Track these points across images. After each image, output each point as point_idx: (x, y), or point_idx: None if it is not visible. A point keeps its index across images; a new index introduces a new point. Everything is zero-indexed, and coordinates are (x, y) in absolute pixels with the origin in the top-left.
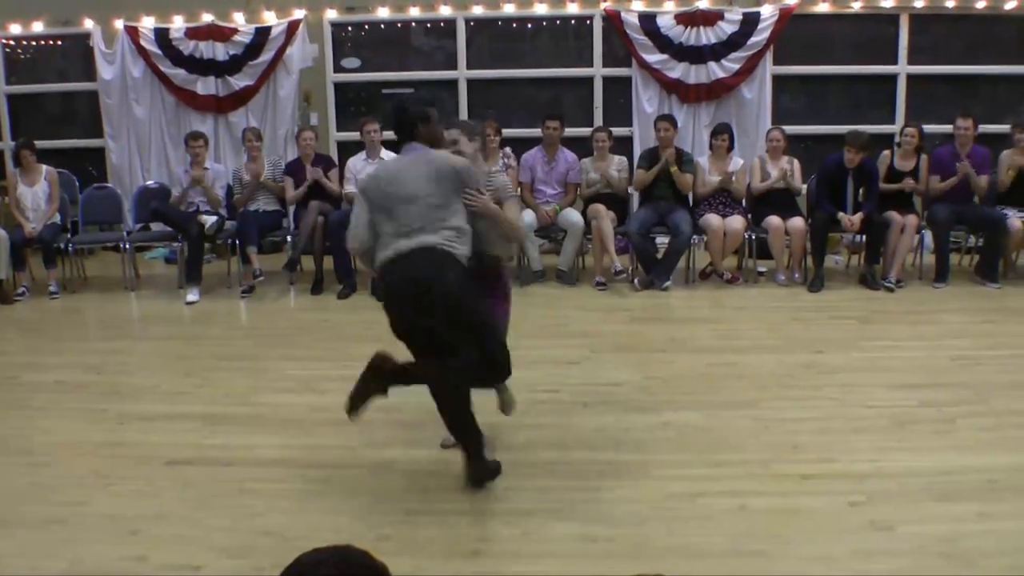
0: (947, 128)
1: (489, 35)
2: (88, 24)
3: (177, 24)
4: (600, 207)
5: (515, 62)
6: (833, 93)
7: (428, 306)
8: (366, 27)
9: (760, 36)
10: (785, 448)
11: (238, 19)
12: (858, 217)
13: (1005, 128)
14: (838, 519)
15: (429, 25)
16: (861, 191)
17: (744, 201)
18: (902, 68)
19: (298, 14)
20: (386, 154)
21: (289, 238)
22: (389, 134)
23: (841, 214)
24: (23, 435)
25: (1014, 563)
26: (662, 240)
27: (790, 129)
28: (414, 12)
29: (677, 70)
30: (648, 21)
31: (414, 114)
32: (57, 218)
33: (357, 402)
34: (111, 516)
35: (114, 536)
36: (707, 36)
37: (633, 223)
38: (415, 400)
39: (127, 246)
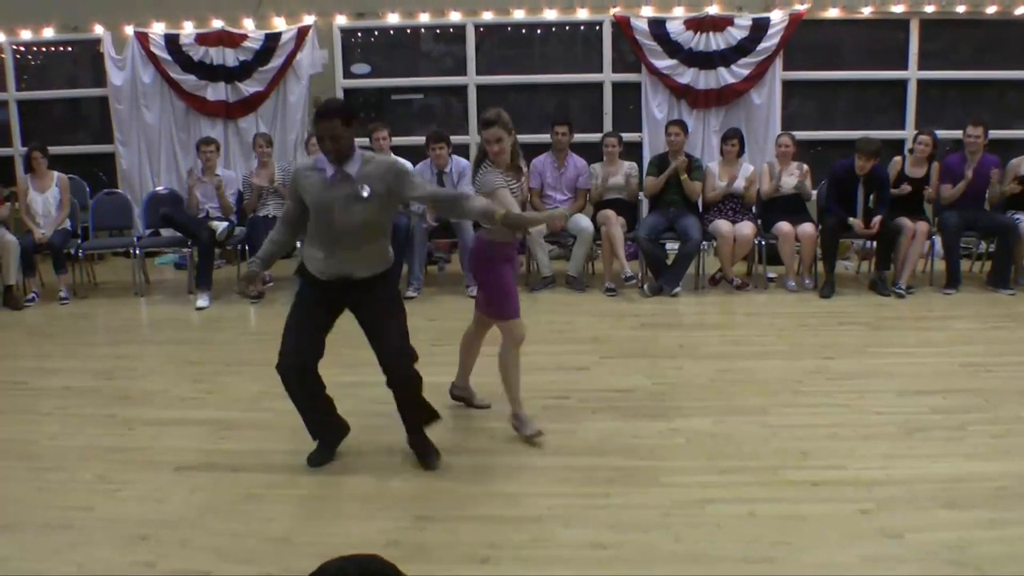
0: (957, 133)
1: (498, 41)
2: (98, 30)
3: (187, 30)
4: (610, 213)
5: (524, 68)
6: (843, 98)
7: None
8: (376, 33)
9: (770, 42)
10: (794, 455)
11: (248, 25)
12: (876, 221)
13: (1015, 134)
14: (847, 526)
15: (438, 31)
16: (871, 197)
17: (754, 207)
18: (912, 73)
19: (308, 20)
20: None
21: (298, 244)
22: (398, 140)
23: (852, 219)
24: (31, 440)
25: None
26: (672, 246)
27: (800, 134)
28: (423, 18)
29: (686, 75)
30: (657, 26)
31: None
32: (67, 224)
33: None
34: (119, 521)
35: (122, 541)
36: (716, 42)
37: (643, 229)
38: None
39: (137, 251)
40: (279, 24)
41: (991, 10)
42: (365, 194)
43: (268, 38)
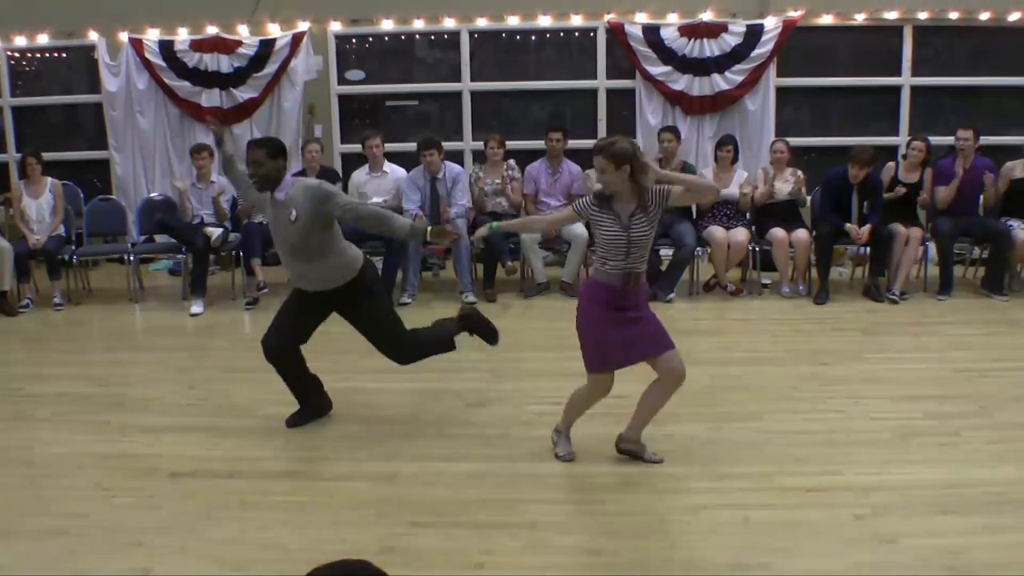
0: (951, 140)
1: (493, 47)
2: (93, 36)
3: (182, 36)
4: None
5: (519, 74)
6: (837, 105)
7: None
8: (370, 39)
9: (763, 48)
10: (789, 460)
11: (242, 31)
12: (866, 229)
13: (1008, 139)
14: (842, 532)
15: (433, 37)
16: (865, 204)
17: (748, 213)
18: (906, 80)
19: (302, 26)
20: (389, 167)
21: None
22: (391, 147)
23: (849, 225)
24: (26, 446)
25: None
26: (666, 252)
27: (794, 141)
28: (418, 24)
29: (681, 82)
30: (652, 33)
31: None
32: (62, 230)
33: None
34: (114, 528)
35: (117, 548)
36: (711, 48)
37: None
38: (422, 413)
39: (131, 258)
40: (274, 30)
41: (984, 16)
42: (292, 217)
43: (263, 44)
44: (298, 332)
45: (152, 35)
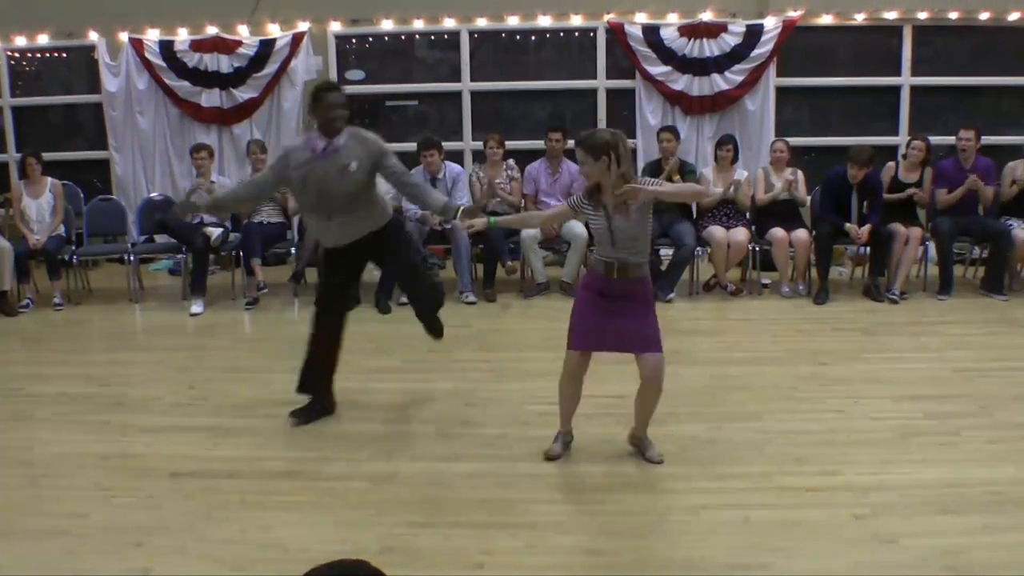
0: (951, 139)
1: (493, 47)
2: (93, 36)
3: (182, 36)
4: None
5: (519, 74)
6: (836, 105)
7: None
8: (370, 39)
9: (763, 48)
10: (788, 460)
11: (242, 31)
12: (866, 229)
13: (1008, 139)
14: (842, 532)
15: (433, 37)
16: (865, 204)
17: (748, 213)
18: (905, 80)
19: (302, 26)
20: None
21: (293, 250)
22: (392, 147)
23: (849, 225)
24: (25, 446)
25: None
26: (666, 252)
27: (793, 141)
28: (418, 24)
29: (680, 82)
30: (651, 33)
31: None
32: (61, 230)
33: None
34: (113, 528)
35: (116, 548)
36: (710, 48)
37: None
38: (419, 412)
39: (131, 258)
40: (274, 30)
41: (984, 16)
42: (353, 167)
43: (263, 44)
44: (344, 292)
45: (152, 35)
